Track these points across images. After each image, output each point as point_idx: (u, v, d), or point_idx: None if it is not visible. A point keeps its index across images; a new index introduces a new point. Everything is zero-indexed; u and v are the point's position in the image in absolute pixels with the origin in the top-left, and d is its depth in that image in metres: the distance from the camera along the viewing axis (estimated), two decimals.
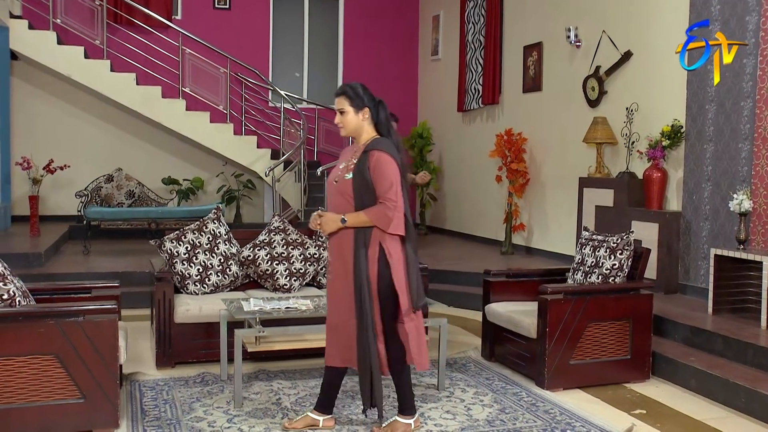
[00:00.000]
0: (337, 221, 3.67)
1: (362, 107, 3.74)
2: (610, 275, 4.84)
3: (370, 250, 3.63)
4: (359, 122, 3.75)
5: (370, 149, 3.69)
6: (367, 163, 3.65)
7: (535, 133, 8.84)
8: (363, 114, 3.74)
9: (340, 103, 3.76)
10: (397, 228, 3.63)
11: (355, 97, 3.74)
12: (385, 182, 3.61)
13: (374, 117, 3.77)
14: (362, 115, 3.74)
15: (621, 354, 4.80)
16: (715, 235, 6.15)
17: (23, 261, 6.97)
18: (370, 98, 3.77)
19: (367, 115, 3.75)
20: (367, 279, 3.61)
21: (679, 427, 4.09)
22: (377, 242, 3.63)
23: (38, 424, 3.67)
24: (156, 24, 10.11)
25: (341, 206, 3.71)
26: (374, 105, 3.77)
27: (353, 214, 3.65)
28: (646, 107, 7.01)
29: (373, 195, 3.64)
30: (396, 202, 3.61)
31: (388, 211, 3.60)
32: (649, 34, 6.99)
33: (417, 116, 11.98)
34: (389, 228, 3.61)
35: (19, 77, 10.05)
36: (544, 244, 8.74)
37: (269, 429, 3.87)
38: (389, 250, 3.63)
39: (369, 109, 3.75)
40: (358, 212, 3.64)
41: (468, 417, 4.13)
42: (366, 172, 3.64)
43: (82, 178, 9.79)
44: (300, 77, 11.63)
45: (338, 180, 3.74)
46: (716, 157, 6.19)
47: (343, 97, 3.76)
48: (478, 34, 9.94)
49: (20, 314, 3.69)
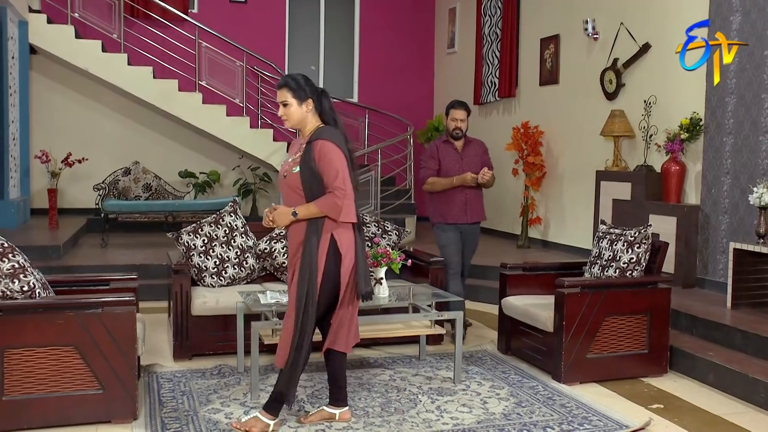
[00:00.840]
0: (288, 215, 3.64)
1: (305, 98, 3.68)
2: (628, 269, 4.81)
3: (321, 241, 3.61)
4: (303, 114, 3.70)
5: (313, 139, 3.65)
6: (312, 153, 3.62)
7: (552, 126, 8.79)
8: (306, 105, 3.69)
9: (282, 95, 3.70)
10: (348, 215, 3.61)
11: (298, 89, 3.68)
12: (331, 171, 3.58)
13: (318, 107, 3.73)
14: (306, 106, 3.69)
15: (638, 348, 4.78)
16: (734, 229, 6.10)
17: (42, 253, 7.03)
18: (312, 89, 3.71)
19: (311, 106, 3.70)
20: (313, 270, 3.58)
21: (697, 422, 4.06)
22: (329, 233, 3.62)
23: (58, 415, 3.71)
24: (173, 17, 10.14)
25: (293, 200, 3.68)
26: (317, 95, 3.72)
27: (304, 206, 3.62)
28: (664, 100, 6.95)
29: (322, 185, 3.61)
30: (345, 190, 3.58)
31: (337, 200, 3.57)
32: (667, 26, 6.93)
33: (433, 109, 11.94)
34: (340, 216, 3.59)
35: (38, 71, 10.12)
36: (560, 238, 8.71)
37: (285, 420, 3.89)
38: (340, 240, 3.63)
39: (312, 100, 3.70)
40: (308, 204, 3.62)
41: (484, 410, 4.13)
42: (312, 163, 3.60)
43: (99, 172, 9.86)
44: (316, 70, 11.63)
45: (287, 174, 3.71)
46: (736, 150, 6.13)
47: (285, 89, 3.69)
48: (494, 27, 9.89)
49: (40, 306, 3.73)
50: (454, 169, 5.67)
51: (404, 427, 3.85)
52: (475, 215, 5.73)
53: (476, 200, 5.74)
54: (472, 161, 5.72)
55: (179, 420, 3.89)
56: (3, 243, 3.78)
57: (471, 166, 5.67)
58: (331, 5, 11.66)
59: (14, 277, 3.72)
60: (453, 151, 5.74)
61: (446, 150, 5.75)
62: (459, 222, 5.67)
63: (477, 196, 5.75)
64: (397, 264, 4.73)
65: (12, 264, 3.74)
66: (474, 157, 5.75)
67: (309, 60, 11.60)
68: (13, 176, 8.84)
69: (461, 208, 5.66)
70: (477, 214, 5.75)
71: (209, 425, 3.83)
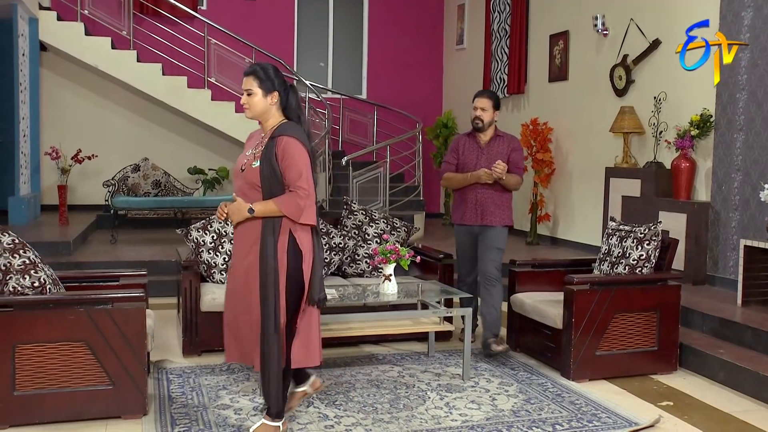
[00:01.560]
0: (244, 211, 3.42)
1: (272, 90, 3.49)
2: (637, 266, 4.80)
3: (279, 240, 3.41)
4: (267, 106, 3.50)
5: (277, 135, 3.45)
6: (275, 149, 3.42)
7: (561, 123, 8.76)
8: (272, 98, 3.50)
9: (248, 83, 3.50)
10: (309, 217, 3.43)
11: (266, 79, 3.49)
12: (294, 170, 3.39)
13: (283, 102, 3.54)
14: (271, 98, 3.49)
15: (648, 345, 4.76)
16: (745, 226, 6.07)
17: (52, 249, 7.06)
18: (281, 82, 3.52)
19: (276, 99, 3.50)
20: (275, 270, 3.40)
21: (706, 420, 4.05)
22: (287, 231, 3.42)
23: (69, 410, 3.73)
24: (182, 14, 10.16)
25: (249, 195, 3.47)
26: (284, 89, 3.53)
27: (261, 203, 3.42)
28: (674, 96, 6.92)
29: (282, 183, 3.42)
30: (308, 191, 3.41)
31: (299, 200, 3.38)
32: (678, 22, 6.89)
33: (442, 106, 11.93)
34: (300, 218, 3.40)
35: (48, 68, 10.16)
36: (569, 235, 8.69)
37: (294, 417, 3.90)
38: (300, 239, 3.44)
39: (278, 93, 3.51)
40: (267, 201, 3.41)
41: (493, 407, 4.13)
42: (274, 160, 3.41)
43: (109, 168, 9.90)
44: (325, 67, 11.63)
45: (245, 168, 3.49)
46: (747, 147, 6.09)
47: (252, 77, 3.49)
48: (503, 23, 9.87)
49: (51, 302, 3.75)
50: (470, 164, 5.14)
51: (413, 423, 3.85)
52: (488, 217, 5.08)
53: (492, 200, 5.08)
54: (494, 158, 5.07)
55: (189, 416, 3.90)
56: (14, 239, 3.81)
57: (492, 163, 5.02)
58: (339, 2, 11.65)
59: (25, 273, 3.75)
60: (475, 146, 5.18)
61: (468, 144, 5.22)
62: (470, 223, 5.15)
63: (493, 196, 5.08)
64: (406, 261, 4.73)
65: (23, 260, 3.77)
66: (498, 154, 5.11)
67: (318, 56, 11.60)
68: (24, 173, 8.89)
69: (472, 208, 5.12)
70: (491, 216, 5.08)
71: (218, 420, 3.84)
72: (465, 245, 5.25)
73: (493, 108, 5.12)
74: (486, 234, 5.10)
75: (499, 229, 5.11)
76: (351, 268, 5.72)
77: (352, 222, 5.81)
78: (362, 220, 5.82)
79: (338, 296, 4.61)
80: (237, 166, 3.58)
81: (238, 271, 3.53)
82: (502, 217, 5.11)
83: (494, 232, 5.08)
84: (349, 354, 5.07)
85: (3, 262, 3.74)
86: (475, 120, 5.13)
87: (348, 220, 5.84)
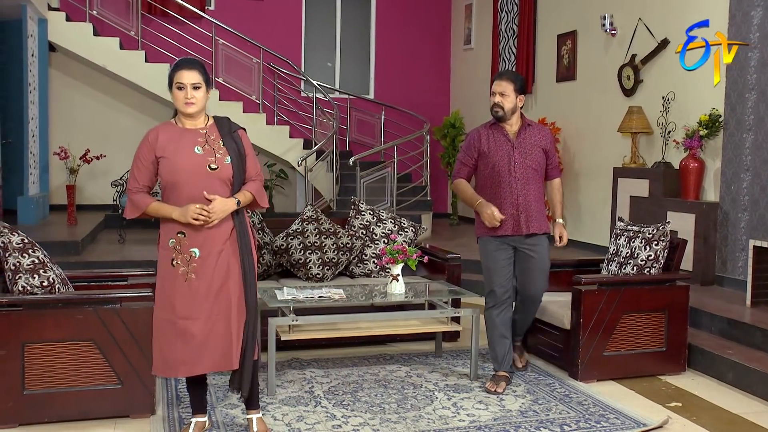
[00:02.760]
0: (232, 204, 3.42)
1: (209, 86, 3.51)
2: (646, 266, 4.78)
3: (250, 232, 3.54)
4: (205, 102, 3.49)
5: (235, 129, 3.55)
6: (242, 142, 3.53)
7: (569, 123, 8.74)
8: (209, 93, 3.51)
9: (195, 77, 3.41)
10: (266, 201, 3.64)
11: (207, 76, 3.49)
12: (254, 160, 3.59)
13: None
14: (208, 94, 3.51)
15: (656, 346, 4.75)
16: (754, 226, 6.04)
17: (61, 249, 7.09)
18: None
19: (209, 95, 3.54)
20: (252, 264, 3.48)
21: (715, 421, 4.03)
22: (249, 223, 3.57)
23: (77, 409, 3.75)
24: (189, 15, 10.19)
25: (220, 193, 3.41)
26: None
27: (240, 193, 3.47)
28: (682, 96, 6.89)
29: (243, 175, 3.52)
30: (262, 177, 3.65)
31: (261, 186, 3.59)
32: (686, 22, 6.85)
33: (449, 106, 11.92)
34: (265, 201, 3.61)
35: (57, 68, 10.20)
36: (577, 235, 8.66)
37: (302, 417, 3.90)
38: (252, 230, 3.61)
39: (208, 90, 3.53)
40: (244, 191, 3.49)
41: (501, 407, 4.12)
42: (242, 153, 3.51)
43: (117, 168, 9.91)
44: (332, 67, 11.64)
45: (217, 166, 3.40)
46: (756, 147, 6.07)
47: (198, 72, 3.43)
48: (511, 23, 9.86)
49: (59, 301, 3.76)
50: (502, 162, 4.30)
51: (420, 423, 3.85)
52: (534, 223, 4.33)
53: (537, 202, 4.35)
54: (529, 152, 4.32)
55: None
56: (23, 239, 3.83)
57: (528, 158, 4.31)
58: (347, 2, 11.65)
59: (34, 273, 3.77)
60: (503, 138, 4.35)
61: (494, 136, 4.37)
62: (509, 233, 4.35)
63: (538, 198, 4.37)
64: (414, 261, 4.73)
65: (32, 259, 3.79)
66: (533, 147, 4.34)
67: (325, 56, 11.61)
68: (33, 173, 8.93)
69: (513, 215, 4.32)
70: (536, 223, 4.34)
71: (226, 420, 3.85)
72: (501, 261, 4.38)
73: (515, 92, 4.30)
74: (531, 247, 4.36)
75: (544, 239, 4.41)
76: (358, 268, 5.72)
77: (360, 222, 5.82)
78: (370, 220, 5.82)
79: (345, 296, 4.61)
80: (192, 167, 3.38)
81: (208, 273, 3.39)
82: (545, 223, 4.41)
83: (542, 246, 4.39)
84: (357, 354, 5.07)
85: (12, 261, 3.76)
86: (494, 108, 4.32)
87: (356, 220, 5.84)
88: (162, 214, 3.43)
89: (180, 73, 3.41)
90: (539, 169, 4.38)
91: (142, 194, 3.47)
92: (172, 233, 3.42)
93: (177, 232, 3.41)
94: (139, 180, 3.46)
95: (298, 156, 9.58)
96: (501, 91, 4.30)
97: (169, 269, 3.42)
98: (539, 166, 4.37)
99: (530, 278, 4.42)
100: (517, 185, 4.30)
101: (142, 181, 3.46)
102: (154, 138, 3.44)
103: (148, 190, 3.50)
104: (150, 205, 3.45)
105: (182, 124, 3.50)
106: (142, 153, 3.45)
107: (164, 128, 3.49)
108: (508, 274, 4.40)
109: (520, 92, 4.33)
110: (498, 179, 4.35)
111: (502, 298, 4.41)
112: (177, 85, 3.42)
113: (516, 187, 4.30)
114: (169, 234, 3.44)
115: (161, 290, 3.45)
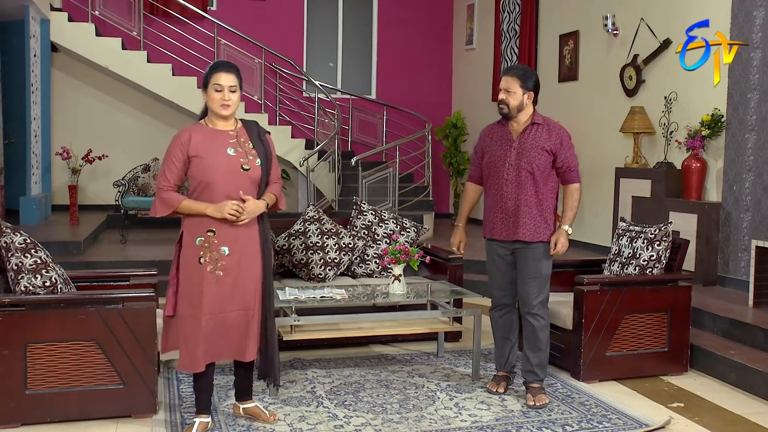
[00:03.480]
0: (262, 206, 3.58)
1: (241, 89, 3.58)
2: (648, 266, 4.78)
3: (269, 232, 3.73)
4: (238, 105, 3.58)
5: (264, 132, 3.66)
6: (270, 146, 3.66)
7: (571, 123, 8.70)
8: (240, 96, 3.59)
9: (233, 80, 3.49)
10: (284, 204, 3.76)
11: (241, 79, 3.56)
12: (277, 164, 3.73)
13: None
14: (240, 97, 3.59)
15: (658, 346, 4.74)
16: (757, 227, 6.03)
17: (63, 249, 7.10)
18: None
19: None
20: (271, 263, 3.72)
21: (717, 421, 4.03)
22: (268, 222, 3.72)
23: (80, 409, 3.75)
24: (192, 15, 10.19)
25: (250, 193, 3.53)
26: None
27: (267, 195, 3.62)
28: (685, 96, 6.88)
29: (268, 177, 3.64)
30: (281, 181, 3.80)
31: (281, 190, 3.73)
32: (689, 22, 6.83)
33: (451, 106, 11.91)
34: (283, 204, 3.74)
35: (59, 69, 10.21)
36: (579, 235, 8.64)
37: (304, 417, 3.90)
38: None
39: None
40: (268, 193, 3.63)
41: (503, 408, 4.12)
42: (269, 156, 3.64)
43: (119, 168, 9.93)
44: (334, 67, 11.64)
45: (249, 167, 3.50)
46: (759, 147, 6.06)
47: (235, 75, 3.51)
48: (513, 23, 9.85)
49: (62, 301, 3.76)
50: (498, 161, 4.11)
51: (422, 423, 3.85)
52: (522, 230, 4.07)
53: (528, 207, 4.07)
54: (527, 153, 4.05)
55: None
56: (26, 239, 3.83)
57: (524, 159, 4.05)
58: (349, 2, 11.65)
59: (37, 273, 3.77)
60: (504, 137, 4.16)
61: (496, 135, 4.21)
62: (501, 238, 4.17)
63: (530, 202, 4.07)
64: (416, 261, 4.73)
65: (35, 259, 3.79)
66: (534, 148, 4.05)
67: (327, 57, 11.61)
68: (35, 173, 8.94)
69: (502, 219, 4.13)
70: (524, 229, 4.07)
71: (228, 420, 3.85)
72: (497, 263, 4.25)
73: (522, 88, 4.10)
74: (522, 254, 4.13)
75: (536, 246, 4.10)
76: (360, 269, 5.72)
77: (362, 222, 5.82)
78: (372, 220, 5.82)
79: (348, 296, 4.62)
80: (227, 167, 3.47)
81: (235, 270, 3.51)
82: (538, 229, 4.09)
83: (534, 253, 4.10)
84: (359, 354, 5.07)
85: (15, 261, 3.76)
86: (499, 105, 4.15)
87: (357, 220, 5.84)
88: (195, 210, 3.49)
89: (218, 75, 3.48)
90: (538, 171, 4.04)
91: (172, 192, 3.52)
92: (201, 231, 3.49)
93: (207, 230, 3.48)
94: (170, 179, 3.51)
95: (300, 156, 9.58)
96: (506, 87, 4.14)
97: (197, 267, 3.48)
98: (538, 168, 4.04)
99: (521, 283, 4.18)
100: (508, 188, 4.08)
101: (173, 179, 3.52)
102: (187, 138, 3.50)
103: (177, 189, 3.55)
104: (182, 202, 3.50)
105: (213, 125, 3.57)
106: (175, 153, 3.51)
107: (196, 129, 3.57)
108: (505, 277, 4.25)
109: (528, 88, 4.13)
110: (493, 180, 4.17)
111: (501, 301, 4.32)
112: (215, 87, 3.48)
113: (506, 190, 4.08)
114: (197, 232, 3.50)
115: (187, 288, 3.50)
